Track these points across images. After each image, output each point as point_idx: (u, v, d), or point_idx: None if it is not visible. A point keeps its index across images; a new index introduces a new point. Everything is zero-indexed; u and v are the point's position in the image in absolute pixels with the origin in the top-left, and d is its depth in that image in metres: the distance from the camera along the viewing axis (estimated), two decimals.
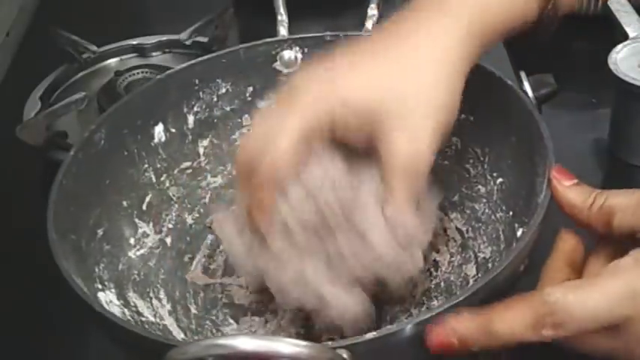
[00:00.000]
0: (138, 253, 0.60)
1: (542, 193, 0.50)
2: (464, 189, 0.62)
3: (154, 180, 0.62)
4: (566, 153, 0.54)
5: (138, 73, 0.83)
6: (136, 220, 0.61)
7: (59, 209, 0.53)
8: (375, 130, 0.50)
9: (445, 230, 0.62)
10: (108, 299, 0.54)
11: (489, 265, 0.57)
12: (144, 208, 0.62)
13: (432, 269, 0.60)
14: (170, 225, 0.63)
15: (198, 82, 0.64)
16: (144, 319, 0.56)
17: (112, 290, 0.55)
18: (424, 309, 0.58)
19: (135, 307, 0.56)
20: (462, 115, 0.61)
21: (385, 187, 0.51)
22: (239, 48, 0.66)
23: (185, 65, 0.65)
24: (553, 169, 0.50)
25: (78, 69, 0.87)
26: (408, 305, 0.59)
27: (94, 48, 0.88)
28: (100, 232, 0.57)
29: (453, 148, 0.62)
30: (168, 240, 0.62)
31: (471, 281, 0.58)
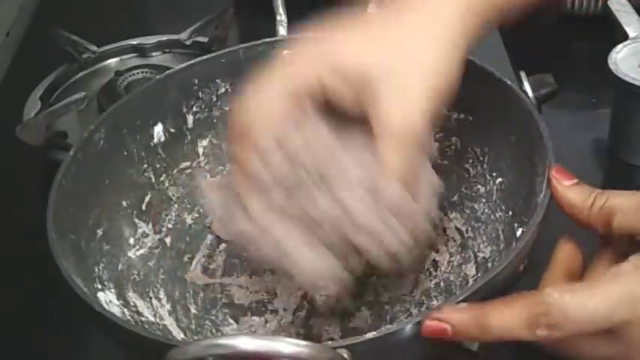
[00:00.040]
0: (137, 253, 0.60)
1: (542, 192, 0.50)
2: (463, 189, 0.62)
3: (153, 180, 0.62)
4: (566, 153, 0.54)
5: (138, 73, 0.83)
6: (136, 220, 0.61)
7: (59, 209, 0.53)
8: (367, 97, 0.49)
9: (445, 230, 0.62)
10: (108, 299, 0.54)
11: (489, 265, 0.57)
12: (143, 208, 0.62)
13: (431, 269, 0.60)
14: (170, 225, 0.63)
15: (197, 82, 0.64)
16: (144, 319, 0.56)
17: (112, 290, 0.55)
18: (424, 309, 0.58)
19: (135, 307, 0.56)
20: (462, 115, 0.61)
21: (375, 156, 0.49)
22: (238, 48, 0.66)
23: (185, 65, 0.65)
24: (553, 169, 0.50)
25: (78, 69, 0.87)
26: (408, 305, 0.59)
27: (94, 48, 0.88)
28: (100, 232, 0.57)
29: (452, 148, 0.62)
30: (167, 240, 0.62)
31: (471, 281, 0.58)
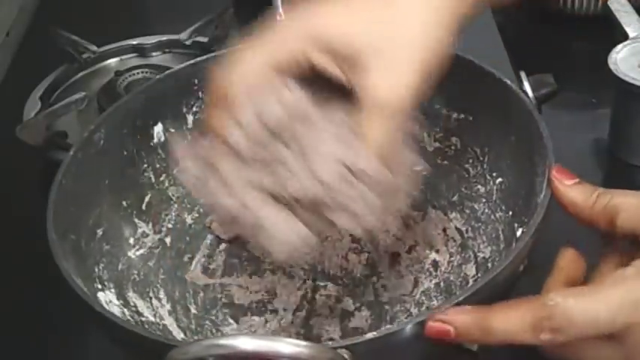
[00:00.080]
0: (137, 253, 0.60)
1: (542, 192, 0.50)
2: (463, 189, 0.62)
3: (153, 180, 0.62)
4: (566, 153, 0.54)
5: (138, 73, 0.83)
6: (136, 220, 0.61)
7: (59, 209, 0.53)
8: (354, 69, 0.48)
9: (445, 230, 0.62)
10: (107, 299, 0.54)
11: (489, 265, 0.57)
12: (143, 208, 0.61)
13: (431, 269, 0.60)
14: (169, 225, 0.63)
15: (197, 82, 0.64)
16: (144, 319, 0.56)
17: (112, 290, 0.55)
18: (424, 309, 0.58)
19: (135, 307, 0.56)
20: (462, 115, 0.61)
21: (356, 125, 0.49)
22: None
23: (184, 65, 0.65)
24: (553, 169, 0.50)
25: (78, 69, 0.87)
26: (408, 305, 0.59)
27: (94, 48, 0.88)
28: (100, 232, 0.57)
29: (452, 147, 0.62)
30: (167, 240, 0.62)
31: (471, 281, 0.58)
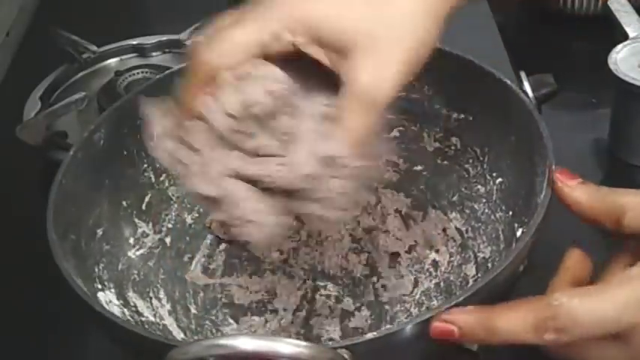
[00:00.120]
0: (137, 252, 0.60)
1: (542, 192, 0.50)
2: (463, 189, 0.62)
3: (153, 180, 0.62)
4: (566, 153, 0.54)
5: (138, 73, 0.83)
6: (136, 220, 0.61)
7: (59, 209, 0.53)
8: (341, 58, 0.48)
9: (445, 230, 0.62)
10: (107, 299, 0.54)
11: (489, 265, 0.57)
12: (143, 207, 0.61)
13: (431, 269, 0.60)
14: (169, 225, 0.63)
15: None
16: (144, 319, 0.56)
17: (112, 290, 0.55)
18: (424, 309, 0.58)
19: (135, 307, 0.56)
20: (462, 115, 0.61)
21: (336, 111, 0.49)
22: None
23: (184, 65, 0.65)
24: (556, 172, 0.50)
25: (78, 69, 0.87)
26: (408, 305, 0.59)
27: (94, 48, 0.88)
28: (100, 232, 0.57)
29: (452, 147, 0.62)
30: (167, 240, 0.62)
31: (471, 281, 0.58)
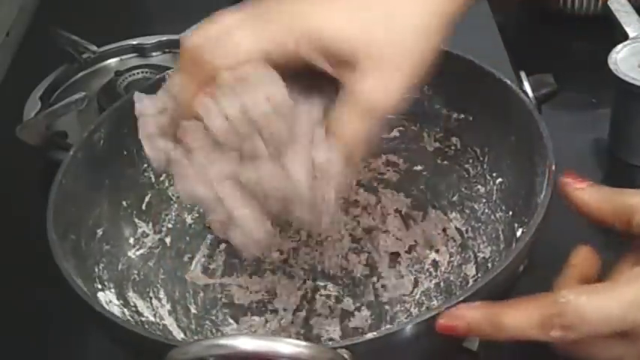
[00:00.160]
0: (137, 252, 0.60)
1: (542, 192, 0.50)
2: (463, 189, 0.62)
3: (153, 180, 0.62)
4: (566, 153, 0.54)
5: (138, 73, 0.83)
6: (136, 220, 0.61)
7: (59, 209, 0.53)
8: (344, 66, 0.48)
9: (445, 230, 0.62)
10: (107, 299, 0.54)
11: (489, 265, 0.57)
12: (143, 207, 0.61)
13: (431, 269, 0.60)
14: (169, 225, 0.63)
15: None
16: (144, 319, 0.56)
17: (112, 290, 0.55)
18: (424, 309, 0.58)
19: (135, 307, 0.56)
20: (462, 115, 0.61)
21: (336, 121, 0.49)
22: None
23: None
24: (563, 175, 0.50)
25: (78, 69, 0.87)
26: (408, 305, 0.59)
27: (94, 48, 0.88)
28: (100, 232, 0.57)
29: (452, 148, 0.62)
30: (167, 240, 0.62)
31: (471, 281, 0.58)
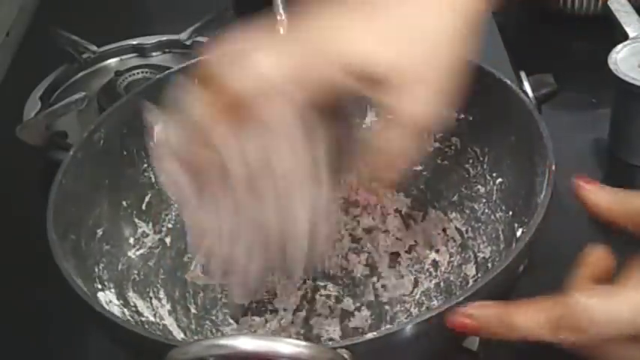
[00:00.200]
0: (137, 252, 0.60)
1: (542, 192, 0.50)
2: (463, 189, 0.62)
3: (153, 180, 0.62)
4: (566, 153, 0.54)
5: (138, 73, 0.83)
6: (136, 220, 0.61)
7: (59, 209, 0.53)
8: (378, 86, 0.47)
9: (445, 230, 0.62)
10: (107, 299, 0.54)
11: (489, 265, 0.57)
12: (143, 207, 0.61)
13: (431, 269, 0.60)
14: (169, 225, 0.63)
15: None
16: (144, 319, 0.56)
17: (112, 290, 0.55)
18: (424, 309, 0.58)
19: (135, 307, 0.56)
20: (462, 115, 0.61)
21: (376, 138, 0.49)
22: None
23: (185, 65, 0.65)
24: (576, 178, 0.50)
25: (78, 69, 0.87)
26: (408, 305, 0.59)
27: (94, 48, 0.88)
28: (100, 232, 0.57)
29: (452, 148, 0.62)
30: (167, 240, 0.62)
31: (471, 281, 0.58)
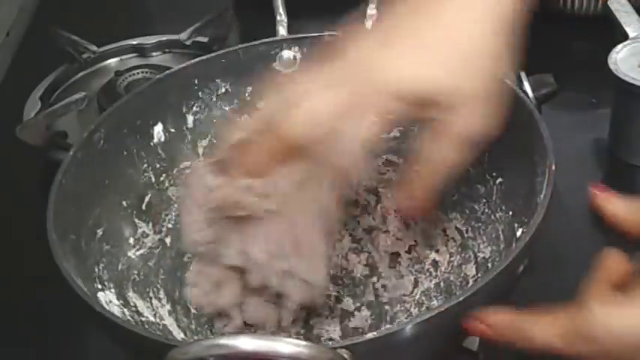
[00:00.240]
0: (137, 253, 0.60)
1: (542, 192, 0.50)
2: (463, 189, 0.62)
3: (153, 180, 0.62)
4: (566, 153, 0.54)
5: (138, 73, 0.83)
6: (136, 220, 0.61)
7: (59, 209, 0.53)
8: (429, 107, 0.49)
9: (445, 230, 0.62)
10: (107, 299, 0.54)
11: (489, 265, 0.57)
12: (143, 208, 0.61)
13: (431, 269, 0.60)
14: (169, 225, 0.63)
15: (197, 82, 0.64)
16: (144, 319, 0.56)
17: (112, 290, 0.55)
18: (424, 309, 0.58)
19: (135, 307, 0.56)
20: None
21: (430, 153, 0.51)
22: (238, 48, 0.66)
23: (184, 65, 0.65)
24: (592, 187, 0.50)
25: (78, 69, 0.87)
26: (408, 305, 0.59)
27: (94, 48, 0.88)
28: (100, 232, 0.57)
29: None
30: (167, 240, 0.62)
31: (471, 281, 0.58)
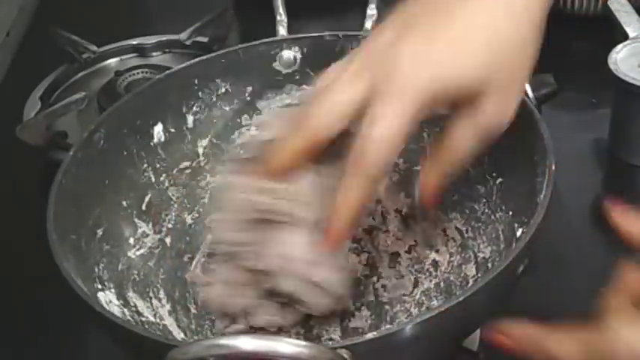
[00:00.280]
0: (137, 253, 0.60)
1: (542, 192, 0.50)
2: (463, 189, 0.61)
3: (153, 180, 0.62)
4: (566, 153, 0.54)
5: (138, 73, 0.83)
6: (136, 220, 0.61)
7: (59, 209, 0.53)
8: (466, 103, 0.49)
9: (445, 230, 0.61)
10: (107, 299, 0.54)
11: (489, 265, 0.57)
12: (143, 208, 0.61)
13: (431, 269, 0.60)
14: (170, 225, 0.63)
15: (197, 82, 0.64)
16: (144, 319, 0.56)
17: (112, 290, 0.55)
18: (424, 309, 0.58)
19: (135, 307, 0.56)
20: None
21: (457, 141, 0.51)
22: (238, 48, 0.66)
23: (184, 65, 0.65)
24: (607, 203, 0.49)
25: (78, 69, 0.87)
26: (408, 305, 0.59)
27: (94, 48, 0.88)
28: (100, 232, 0.57)
29: None
30: (167, 240, 0.62)
31: (471, 281, 0.58)
